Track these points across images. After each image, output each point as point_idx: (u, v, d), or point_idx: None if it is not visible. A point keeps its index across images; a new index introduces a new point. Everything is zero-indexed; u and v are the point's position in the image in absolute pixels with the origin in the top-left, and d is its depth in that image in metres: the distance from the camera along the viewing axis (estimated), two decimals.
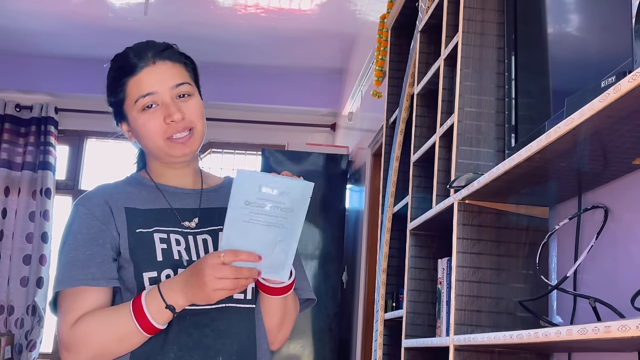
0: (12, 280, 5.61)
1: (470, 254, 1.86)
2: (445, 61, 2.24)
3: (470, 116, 2.01)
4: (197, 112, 1.50)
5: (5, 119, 5.85)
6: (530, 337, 1.35)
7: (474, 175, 1.82)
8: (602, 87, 1.22)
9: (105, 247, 1.43)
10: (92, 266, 1.41)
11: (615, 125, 1.23)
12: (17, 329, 5.53)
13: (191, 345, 1.41)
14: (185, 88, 1.50)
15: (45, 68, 5.84)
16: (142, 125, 1.49)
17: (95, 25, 5.20)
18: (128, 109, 1.50)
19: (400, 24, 3.13)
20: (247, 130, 5.88)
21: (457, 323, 1.82)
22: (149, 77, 1.48)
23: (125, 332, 1.37)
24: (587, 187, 1.69)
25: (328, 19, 4.93)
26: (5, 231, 5.70)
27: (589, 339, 1.13)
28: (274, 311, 1.51)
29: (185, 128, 1.48)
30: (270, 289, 1.47)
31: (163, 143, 1.48)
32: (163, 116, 1.47)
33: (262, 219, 1.32)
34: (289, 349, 4.80)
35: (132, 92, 1.49)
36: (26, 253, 5.66)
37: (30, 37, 5.50)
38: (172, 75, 1.50)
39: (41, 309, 5.52)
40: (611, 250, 1.61)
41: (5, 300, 5.58)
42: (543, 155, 1.42)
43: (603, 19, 1.53)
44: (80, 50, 5.67)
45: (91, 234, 1.44)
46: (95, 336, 1.38)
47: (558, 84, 1.74)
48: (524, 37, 1.94)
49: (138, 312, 1.36)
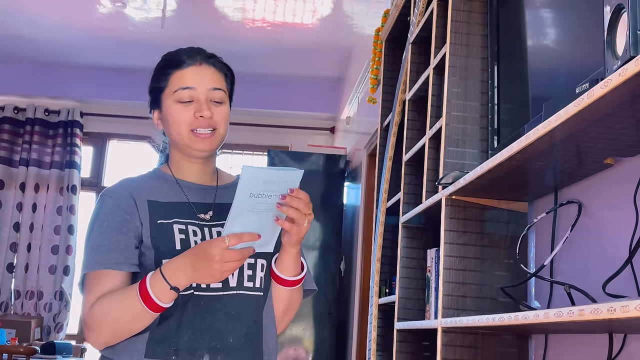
0: (41, 268, 5.61)
1: (457, 245, 1.86)
2: (434, 70, 2.24)
3: (457, 120, 2.01)
4: (224, 117, 1.51)
5: (35, 122, 5.85)
6: (511, 320, 1.35)
7: (460, 174, 1.81)
8: (577, 92, 1.22)
9: (129, 236, 1.43)
10: (116, 252, 1.41)
11: (588, 127, 1.23)
12: (45, 312, 5.53)
13: (204, 328, 1.41)
14: (219, 94, 1.51)
15: (71, 76, 5.84)
16: (174, 113, 1.49)
17: (117, 37, 5.20)
18: (165, 97, 1.51)
19: (394, 37, 3.13)
20: (254, 132, 5.88)
21: (444, 307, 1.82)
22: (192, 74, 1.50)
23: (135, 313, 1.36)
24: (563, 184, 1.69)
25: (328, 32, 4.92)
26: (35, 224, 5.70)
27: (564, 321, 1.13)
28: (282, 299, 1.53)
29: (209, 126, 1.49)
30: (284, 280, 1.49)
31: (187, 134, 1.49)
32: (194, 111, 1.48)
33: (263, 207, 1.34)
34: (292, 331, 4.80)
35: (173, 83, 1.50)
36: (54, 244, 5.66)
37: (58, 48, 5.49)
38: (212, 79, 1.51)
39: (67, 294, 5.52)
40: (584, 242, 1.61)
41: (35, 287, 5.59)
42: (523, 155, 1.42)
43: (577, 32, 1.52)
44: (103, 59, 5.67)
45: (116, 223, 1.44)
46: (109, 315, 1.37)
47: (536, 91, 1.74)
48: (506, 48, 1.94)
49: (144, 294, 1.36)
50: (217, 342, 1.41)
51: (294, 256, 1.48)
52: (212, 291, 1.43)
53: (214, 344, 1.41)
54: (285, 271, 1.49)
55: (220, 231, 1.48)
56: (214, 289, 1.43)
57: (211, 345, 1.41)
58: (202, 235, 1.46)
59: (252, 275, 1.48)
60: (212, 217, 1.50)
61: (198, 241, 1.45)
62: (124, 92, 5.75)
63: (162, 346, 1.39)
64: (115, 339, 1.40)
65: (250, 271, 1.48)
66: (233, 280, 1.46)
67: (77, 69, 5.83)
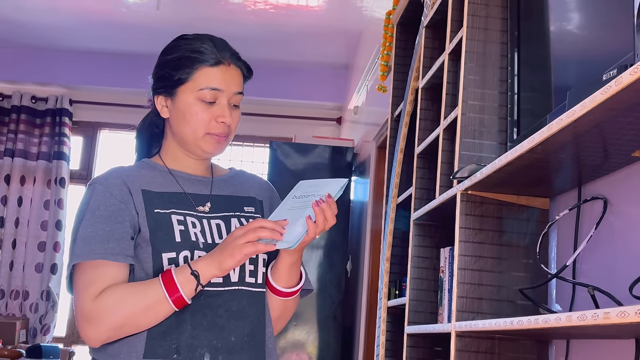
0: (27, 266, 5.63)
1: (473, 243, 1.86)
2: (449, 56, 2.23)
3: (473, 109, 2.01)
4: (237, 123, 1.55)
5: (21, 110, 5.86)
6: (530, 323, 1.35)
7: (477, 167, 1.81)
8: (604, 80, 1.21)
9: (125, 225, 1.43)
10: (111, 241, 1.41)
11: (616, 117, 1.23)
12: (31, 313, 5.55)
13: (205, 325, 1.42)
14: (239, 98, 1.54)
15: (60, 61, 5.84)
16: (195, 112, 1.49)
17: (109, 19, 5.20)
18: (185, 91, 1.50)
19: (406, 20, 3.12)
20: (255, 123, 5.88)
21: (458, 310, 1.82)
22: (222, 75, 1.50)
23: (152, 301, 1.37)
24: (587, 179, 1.68)
25: (335, 15, 4.92)
26: (21, 219, 5.71)
27: (588, 325, 1.13)
28: (275, 307, 1.56)
29: (226, 133, 1.52)
30: (277, 290, 1.52)
31: (202, 136, 1.51)
32: (216, 114, 1.49)
33: (299, 204, 1.43)
34: (295, 335, 4.81)
35: (200, 80, 1.49)
36: (41, 240, 5.68)
37: (46, 31, 5.50)
38: (238, 82, 1.53)
39: (55, 294, 5.54)
40: (610, 241, 1.61)
41: (20, 286, 5.60)
42: (545, 147, 1.42)
43: (604, 15, 1.52)
44: (94, 44, 5.67)
45: (109, 212, 1.44)
46: (123, 305, 1.37)
47: (559, 79, 1.74)
48: (527, 32, 1.93)
49: (167, 280, 1.38)
50: (219, 341, 1.43)
51: (290, 265, 1.50)
52: (212, 286, 1.44)
53: (215, 342, 1.42)
54: (279, 281, 1.52)
55: (219, 223, 1.49)
56: (214, 284, 1.44)
57: (212, 344, 1.42)
58: (202, 227, 1.48)
59: (254, 270, 1.50)
60: (211, 209, 1.51)
61: (197, 233, 1.46)
62: (117, 79, 5.75)
63: (162, 345, 1.40)
64: (117, 334, 1.40)
65: (252, 266, 1.49)
66: (234, 276, 1.47)
67: (66, 54, 5.83)
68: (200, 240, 1.46)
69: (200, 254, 1.44)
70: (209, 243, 1.47)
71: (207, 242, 1.47)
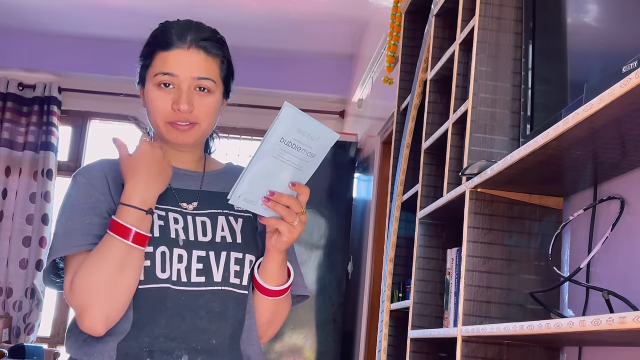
0: (11, 262, 5.63)
1: (481, 244, 1.86)
2: (460, 46, 2.23)
3: (484, 103, 2.01)
4: (209, 110, 1.50)
5: (7, 97, 5.85)
6: (541, 328, 1.35)
7: (487, 163, 1.81)
8: (624, 72, 1.21)
9: (104, 217, 1.45)
10: (91, 234, 1.43)
11: (635, 112, 1.23)
12: (15, 311, 5.56)
13: (184, 327, 1.43)
14: (207, 83, 1.50)
15: (49, 46, 5.84)
16: (152, 99, 1.50)
17: (102, 3, 5.19)
18: (148, 77, 1.52)
19: (415, 8, 3.12)
20: (254, 115, 5.87)
21: (465, 314, 1.82)
22: (176, 59, 1.49)
23: (117, 257, 1.37)
24: (604, 177, 1.68)
25: (339, 3, 4.91)
26: (5, 212, 5.72)
27: (602, 330, 1.13)
28: (266, 310, 1.53)
29: (187, 120, 1.49)
30: (267, 290, 1.50)
31: (163, 125, 1.50)
32: (173, 100, 1.48)
33: (288, 157, 1.37)
34: (292, 339, 4.82)
35: (156, 65, 1.50)
36: (26, 235, 5.68)
37: (35, 15, 5.49)
38: (199, 66, 1.50)
39: (40, 292, 5.54)
40: (626, 243, 1.61)
41: (3, 283, 5.61)
42: (560, 142, 1.42)
43: (624, 5, 1.52)
44: (85, 29, 5.67)
45: (89, 204, 1.46)
46: (93, 278, 1.37)
47: (576, 72, 1.73)
48: (543, 22, 1.93)
49: (120, 230, 1.38)
50: (198, 343, 1.43)
51: (280, 263, 1.49)
52: (193, 286, 1.44)
53: (194, 345, 1.43)
54: (269, 280, 1.51)
55: (204, 221, 1.50)
56: (195, 284, 1.44)
57: (191, 346, 1.43)
58: (185, 223, 1.48)
59: (240, 271, 1.49)
60: (197, 207, 1.52)
61: (179, 229, 1.47)
62: (109, 66, 5.75)
63: (133, 348, 1.40)
64: (114, 307, 1.39)
65: (238, 266, 1.49)
66: (218, 275, 1.47)
67: (55, 39, 5.83)
68: (181, 237, 1.46)
69: (180, 251, 1.45)
70: (191, 240, 1.46)
71: (189, 240, 1.47)
